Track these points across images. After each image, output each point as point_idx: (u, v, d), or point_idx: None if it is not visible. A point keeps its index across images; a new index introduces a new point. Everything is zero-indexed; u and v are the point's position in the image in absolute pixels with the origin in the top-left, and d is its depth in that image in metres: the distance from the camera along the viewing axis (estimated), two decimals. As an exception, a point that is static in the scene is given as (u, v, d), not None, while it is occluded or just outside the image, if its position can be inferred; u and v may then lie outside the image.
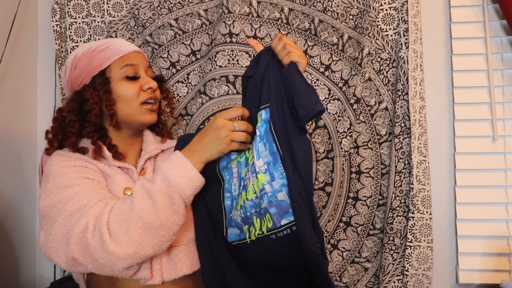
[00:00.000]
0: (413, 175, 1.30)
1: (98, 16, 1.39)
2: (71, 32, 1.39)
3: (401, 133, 1.33)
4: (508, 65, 1.38)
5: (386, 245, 1.31)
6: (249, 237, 0.85)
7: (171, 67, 1.39)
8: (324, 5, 1.35)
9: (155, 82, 0.98)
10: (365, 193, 1.37)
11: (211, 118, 0.93)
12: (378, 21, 1.36)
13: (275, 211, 0.81)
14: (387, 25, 1.36)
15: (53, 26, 1.37)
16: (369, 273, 1.36)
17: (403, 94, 1.33)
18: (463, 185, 1.37)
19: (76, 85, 0.96)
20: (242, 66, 1.35)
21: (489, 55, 1.36)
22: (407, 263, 1.29)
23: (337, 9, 1.34)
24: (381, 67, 1.37)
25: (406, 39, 1.33)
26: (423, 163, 1.32)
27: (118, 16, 1.39)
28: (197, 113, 1.36)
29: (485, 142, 1.37)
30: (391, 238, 1.31)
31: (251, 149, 0.88)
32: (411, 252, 1.29)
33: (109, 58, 0.94)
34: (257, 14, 1.36)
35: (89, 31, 1.40)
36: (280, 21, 1.37)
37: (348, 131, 1.34)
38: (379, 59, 1.37)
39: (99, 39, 1.38)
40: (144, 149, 1.01)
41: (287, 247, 0.82)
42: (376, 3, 1.31)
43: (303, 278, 0.87)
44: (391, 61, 1.36)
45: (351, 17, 1.35)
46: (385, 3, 1.35)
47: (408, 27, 1.32)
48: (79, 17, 1.40)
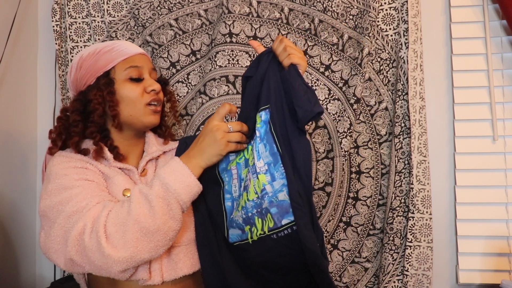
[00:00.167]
0: (413, 175, 1.30)
1: (98, 16, 1.39)
2: (71, 32, 1.39)
3: (401, 133, 1.33)
4: (508, 65, 1.38)
5: (386, 245, 1.32)
6: (251, 237, 0.85)
7: (171, 67, 1.39)
8: (324, 5, 1.35)
9: (158, 84, 0.99)
10: (365, 193, 1.37)
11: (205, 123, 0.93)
12: (378, 21, 1.36)
13: (276, 211, 0.81)
14: (387, 25, 1.36)
15: (53, 26, 1.37)
16: (369, 273, 1.36)
17: (403, 94, 1.33)
18: (463, 185, 1.37)
19: (80, 85, 0.97)
20: (242, 66, 1.35)
21: (489, 55, 1.37)
22: (407, 263, 1.29)
23: (337, 9, 1.34)
24: (381, 67, 1.37)
25: (406, 39, 1.33)
26: (423, 163, 1.32)
27: (118, 16, 1.39)
28: (197, 113, 1.36)
29: (485, 142, 1.37)
30: (391, 238, 1.31)
31: (251, 150, 0.88)
32: (411, 252, 1.29)
33: (114, 59, 0.95)
34: (257, 14, 1.36)
35: (89, 31, 1.40)
36: (280, 21, 1.37)
37: (348, 131, 1.34)
38: (379, 59, 1.37)
39: (99, 39, 1.38)
40: (146, 151, 1.01)
41: (288, 246, 0.82)
42: (376, 3, 1.31)
43: (303, 278, 0.87)
44: (391, 61, 1.36)
45: (351, 17, 1.35)
46: (385, 3, 1.35)
47: (408, 27, 1.32)
48: (79, 17, 1.40)
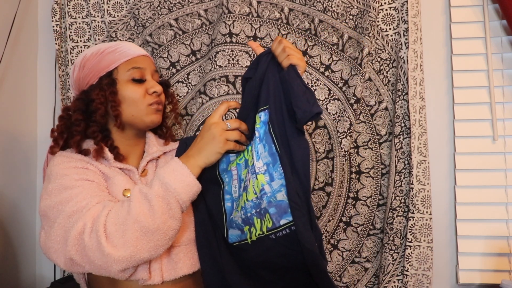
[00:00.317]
0: (413, 175, 1.30)
1: (98, 16, 1.39)
2: (71, 32, 1.39)
3: (401, 133, 1.33)
4: (508, 65, 1.38)
5: (386, 245, 1.31)
6: (250, 237, 0.85)
7: (171, 67, 1.39)
8: (324, 5, 1.35)
9: (160, 86, 1.00)
10: (365, 193, 1.37)
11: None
12: (378, 21, 1.36)
13: (275, 211, 0.82)
14: (387, 25, 1.36)
15: (53, 26, 1.38)
16: (369, 273, 1.36)
17: (403, 94, 1.33)
18: (463, 185, 1.37)
19: (83, 85, 0.98)
20: (242, 66, 1.35)
21: (489, 55, 1.36)
22: (407, 263, 1.29)
23: (337, 9, 1.34)
24: (381, 67, 1.37)
25: (406, 39, 1.33)
26: (423, 163, 1.32)
27: (118, 16, 1.39)
28: (197, 113, 1.36)
29: (485, 142, 1.37)
30: (391, 238, 1.31)
31: (251, 150, 0.88)
32: (411, 252, 1.29)
33: (117, 60, 0.96)
34: (257, 14, 1.36)
35: (89, 31, 1.40)
36: (280, 21, 1.37)
37: (348, 131, 1.34)
38: (379, 59, 1.37)
39: (99, 39, 1.38)
40: (146, 151, 1.02)
41: (286, 246, 0.82)
42: (376, 3, 1.31)
43: (303, 278, 0.87)
44: (391, 61, 1.36)
45: (351, 17, 1.34)
46: (385, 3, 1.35)
47: (408, 27, 1.32)
48: (79, 17, 1.40)
